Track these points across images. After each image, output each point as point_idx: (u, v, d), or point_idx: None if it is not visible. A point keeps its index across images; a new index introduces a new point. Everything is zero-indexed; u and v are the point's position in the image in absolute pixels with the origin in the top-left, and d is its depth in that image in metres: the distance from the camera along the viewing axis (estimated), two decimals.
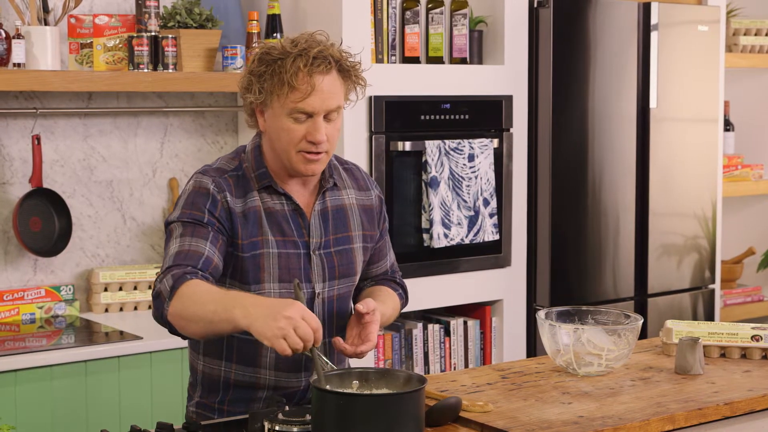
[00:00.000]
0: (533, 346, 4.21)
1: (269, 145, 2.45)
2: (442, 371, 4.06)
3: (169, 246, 2.38)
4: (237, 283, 2.42)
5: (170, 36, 3.70)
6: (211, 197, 2.39)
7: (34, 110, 3.70)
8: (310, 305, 2.46)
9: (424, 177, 3.88)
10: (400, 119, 3.84)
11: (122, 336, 3.47)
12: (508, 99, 4.10)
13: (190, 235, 2.36)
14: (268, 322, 2.10)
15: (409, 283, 3.81)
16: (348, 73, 2.41)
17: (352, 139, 3.73)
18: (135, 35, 3.67)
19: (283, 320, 2.10)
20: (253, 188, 2.44)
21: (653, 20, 4.35)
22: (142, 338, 3.42)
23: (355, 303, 2.64)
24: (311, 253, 2.47)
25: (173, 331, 2.32)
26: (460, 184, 3.93)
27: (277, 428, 2.13)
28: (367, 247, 2.59)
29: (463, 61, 4.10)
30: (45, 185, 3.73)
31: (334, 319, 2.51)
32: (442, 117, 3.95)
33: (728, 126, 5.25)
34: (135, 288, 3.85)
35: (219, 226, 2.38)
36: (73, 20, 3.73)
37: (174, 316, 2.26)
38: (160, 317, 2.30)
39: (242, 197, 2.43)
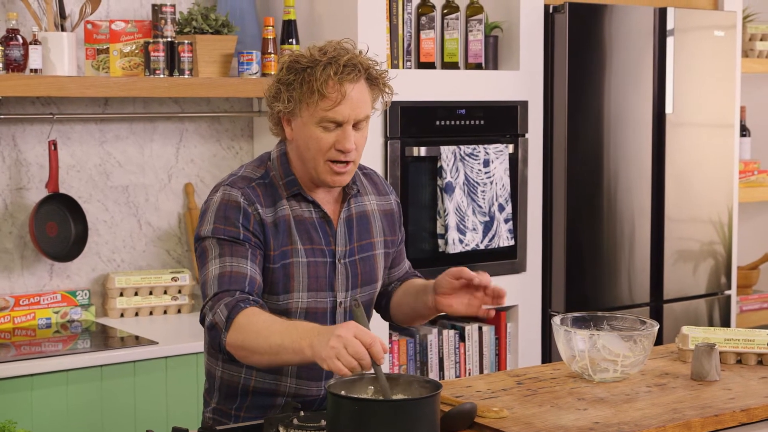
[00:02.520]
0: (548, 352, 4.20)
1: (296, 154, 2.43)
2: (456, 377, 4.05)
3: (207, 266, 2.35)
4: (266, 294, 2.41)
5: (186, 42, 3.71)
6: (243, 210, 2.37)
7: (51, 116, 3.71)
8: (332, 315, 2.46)
9: (439, 182, 3.88)
10: (416, 125, 3.84)
11: (138, 341, 3.48)
12: (524, 104, 4.10)
13: (229, 255, 2.33)
14: (324, 345, 2.08)
15: None
16: (376, 81, 2.40)
17: (368, 145, 3.71)
18: (151, 41, 3.68)
19: (334, 339, 2.07)
20: (282, 196, 2.43)
21: (669, 25, 4.34)
22: (157, 343, 3.43)
23: (380, 307, 2.64)
24: (337, 261, 2.46)
25: (232, 359, 2.30)
26: (476, 190, 3.93)
27: None
28: (388, 253, 2.59)
29: (478, 66, 4.10)
30: (61, 190, 3.74)
31: None
32: (458, 122, 3.94)
33: (744, 131, 5.24)
34: (150, 293, 3.86)
35: (255, 240, 2.36)
36: (89, 26, 3.75)
37: (234, 347, 2.25)
38: (218, 348, 2.28)
39: (272, 206, 2.41)
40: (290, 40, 3.86)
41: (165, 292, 3.88)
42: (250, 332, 2.22)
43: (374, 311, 2.68)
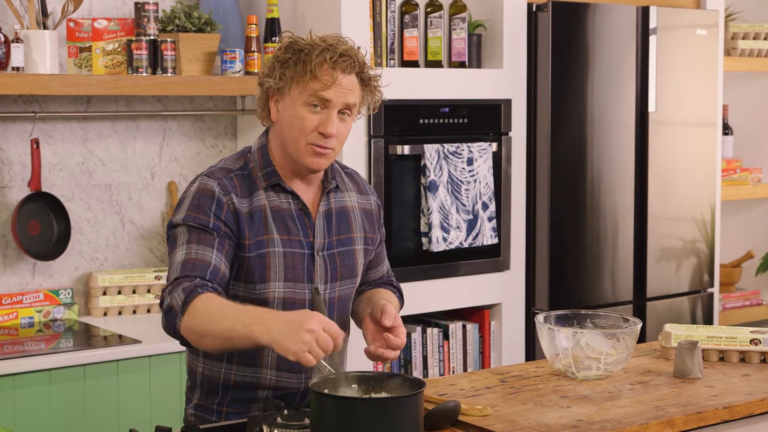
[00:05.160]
0: (532, 350, 4.21)
1: (278, 138, 2.46)
2: (440, 375, 4.06)
3: (174, 252, 2.38)
4: (242, 284, 2.43)
5: (169, 40, 3.70)
6: (216, 200, 2.39)
7: (33, 114, 3.70)
8: (311, 306, 2.46)
9: (422, 181, 3.88)
10: (399, 123, 3.84)
11: (121, 339, 3.47)
12: (507, 103, 4.10)
13: (196, 242, 2.36)
14: (292, 337, 2.13)
15: (407, 286, 3.82)
16: (368, 82, 2.45)
17: (351, 143, 3.73)
18: (134, 39, 3.67)
19: (306, 334, 2.12)
20: (259, 187, 2.45)
21: (652, 24, 4.35)
22: (140, 342, 3.42)
23: (354, 307, 2.65)
24: (315, 253, 2.47)
25: (185, 343, 2.32)
26: (459, 188, 3.93)
27: None
28: (368, 249, 2.60)
29: (461, 65, 4.10)
30: (44, 189, 3.73)
31: (335, 321, 2.51)
32: (441, 121, 3.95)
33: (727, 130, 5.25)
34: (134, 292, 3.85)
35: (225, 229, 2.38)
36: (71, 24, 3.74)
37: (188, 331, 2.27)
38: (173, 331, 2.30)
39: (248, 197, 2.43)
40: (273, 39, 3.85)
41: (148, 291, 3.87)
42: (203, 317, 2.24)
43: None
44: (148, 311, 3.88)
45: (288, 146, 2.43)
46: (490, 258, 4.09)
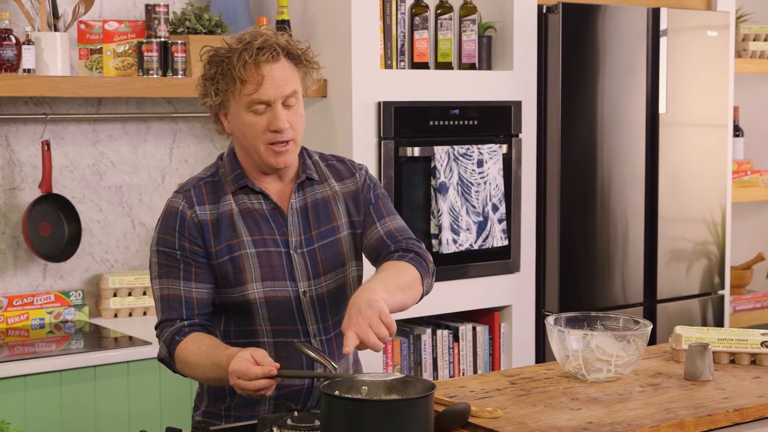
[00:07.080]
0: (542, 352, 4.21)
1: (238, 145, 2.49)
2: (450, 377, 4.05)
3: (152, 284, 2.49)
4: (220, 289, 2.45)
5: (180, 42, 3.71)
6: (180, 216, 2.44)
7: (44, 116, 3.71)
8: (297, 304, 2.46)
9: (432, 182, 3.88)
10: (409, 125, 3.85)
11: (131, 341, 3.48)
12: (517, 104, 4.10)
13: (165, 275, 2.45)
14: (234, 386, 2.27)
15: None
16: (298, 59, 2.43)
17: (361, 145, 3.73)
18: (144, 41, 3.68)
19: (232, 378, 2.23)
20: (227, 192, 2.47)
21: (662, 26, 4.35)
22: (151, 343, 3.42)
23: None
24: (292, 251, 2.47)
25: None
26: (469, 190, 3.93)
27: None
28: (355, 233, 2.55)
29: (472, 66, 4.10)
30: (55, 191, 3.74)
31: (328, 316, 2.50)
32: (451, 123, 3.95)
33: (738, 131, 5.24)
34: (144, 293, 3.86)
35: (190, 247, 2.43)
36: (82, 26, 3.75)
37: (187, 375, 2.44)
38: (176, 373, 2.49)
39: (215, 203, 2.46)
40: None
41: None
42: (189, 368, 2.41)
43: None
44: None
45: (250, 152, 2.45)
46: (500, 260, 4.09)
